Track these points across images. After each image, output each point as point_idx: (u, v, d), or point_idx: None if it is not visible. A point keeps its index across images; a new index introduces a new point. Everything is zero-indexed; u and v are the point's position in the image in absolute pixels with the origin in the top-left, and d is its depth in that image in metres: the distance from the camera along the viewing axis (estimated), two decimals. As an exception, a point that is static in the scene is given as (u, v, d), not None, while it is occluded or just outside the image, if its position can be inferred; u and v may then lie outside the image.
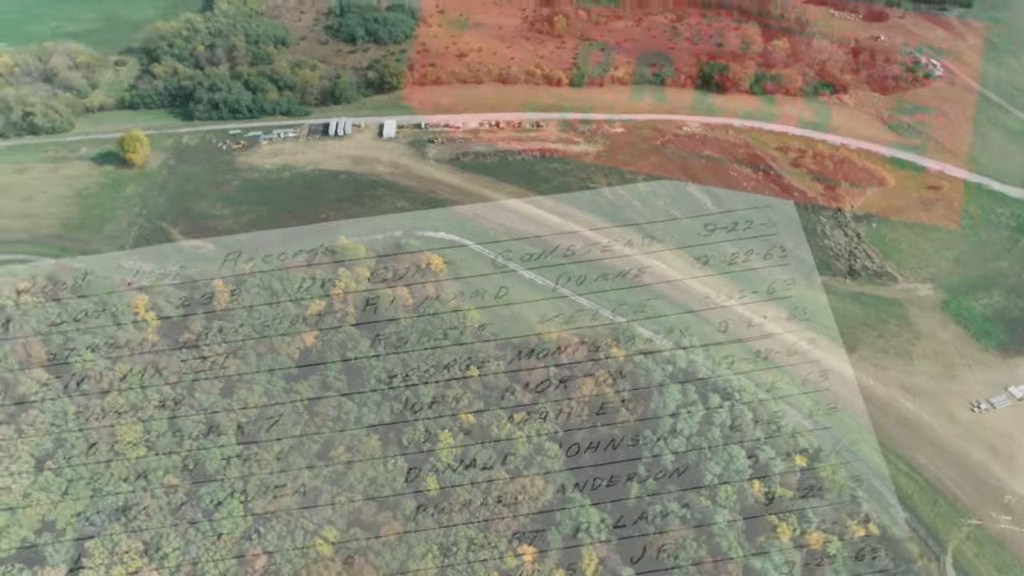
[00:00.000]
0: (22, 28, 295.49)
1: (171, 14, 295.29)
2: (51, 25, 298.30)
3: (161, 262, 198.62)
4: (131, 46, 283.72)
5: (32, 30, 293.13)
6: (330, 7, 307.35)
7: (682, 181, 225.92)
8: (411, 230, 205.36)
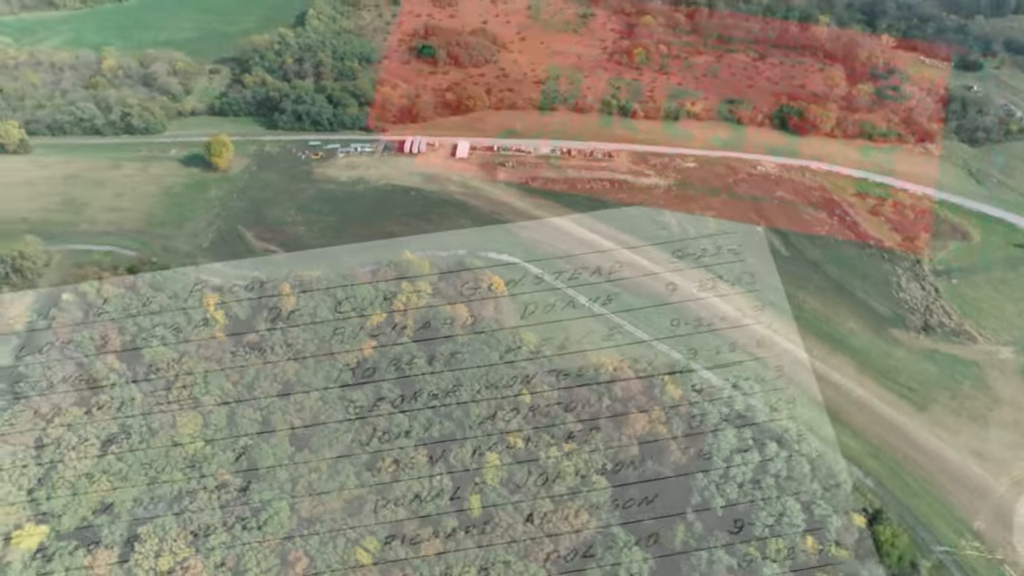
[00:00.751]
0: (129, 35, 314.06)
1: (265, 28, 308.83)
2: (155, 33, 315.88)
3: (234, 263, 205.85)
4: (225, 56, 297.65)
5: (138, 37, 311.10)
6: (415, 28, 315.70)
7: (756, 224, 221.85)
8: (475, 250, 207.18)
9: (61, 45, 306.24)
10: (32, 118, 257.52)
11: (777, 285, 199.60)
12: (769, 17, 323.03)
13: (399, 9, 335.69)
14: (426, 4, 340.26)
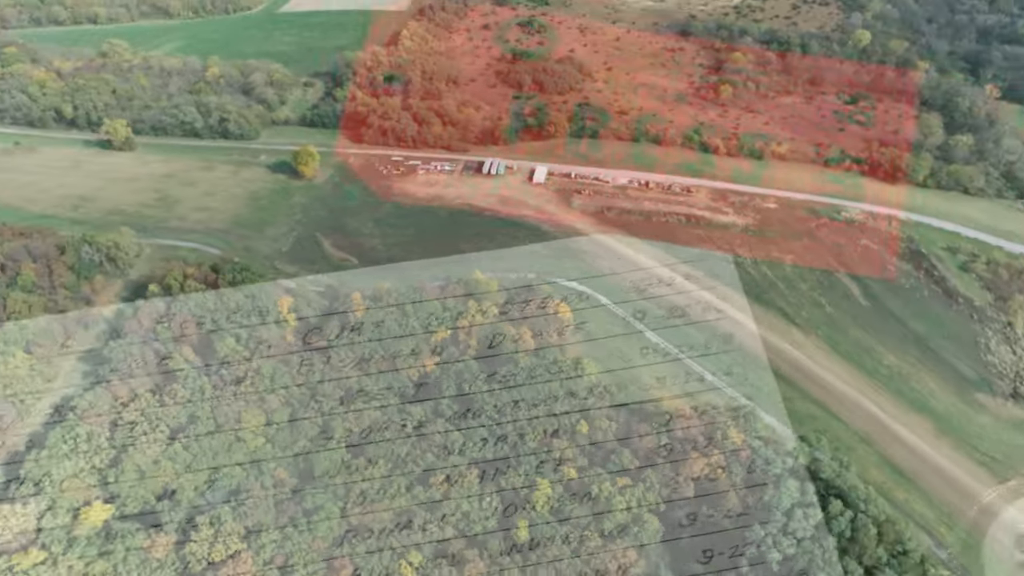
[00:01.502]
0: (234, 46, 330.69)
1: (360, 46, 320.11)
2: (257, 45, 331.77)
3: (310, 269, 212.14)
4: (320, 71, 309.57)
5: (240, 48, 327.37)
6: (503, 53, 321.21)
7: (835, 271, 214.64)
8: (545, 275, 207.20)
9: (171, 52, 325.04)
10: (139, 118, 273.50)
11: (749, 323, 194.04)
12: (864, 61, 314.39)
13: (489, 34, 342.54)
14: (515, 31, 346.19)
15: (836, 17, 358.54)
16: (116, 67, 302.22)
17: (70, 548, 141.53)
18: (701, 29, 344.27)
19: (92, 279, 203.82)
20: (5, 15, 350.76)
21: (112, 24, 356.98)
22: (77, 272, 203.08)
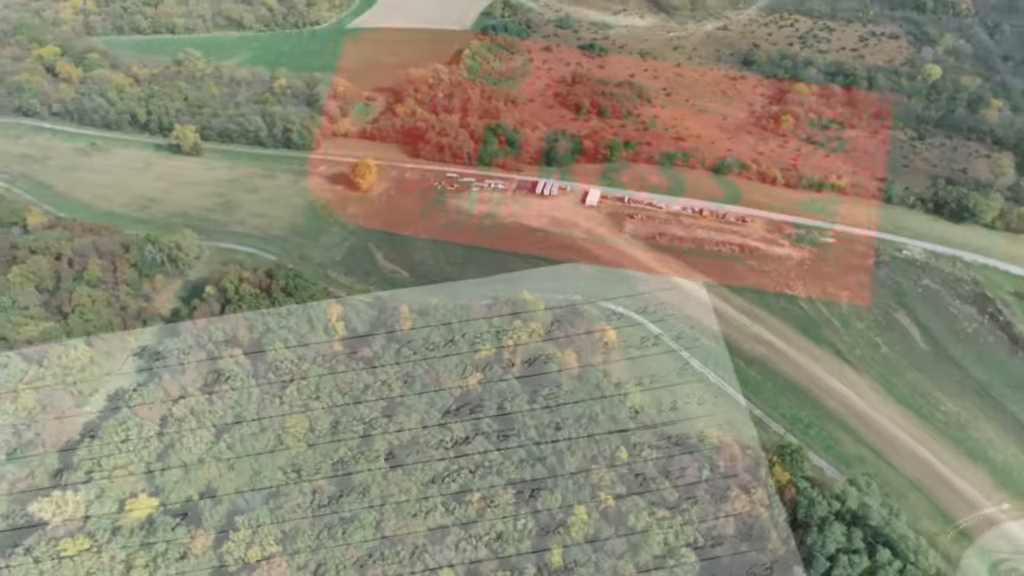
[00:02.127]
0: (301, 60, 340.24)
1: (423, 63, 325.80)
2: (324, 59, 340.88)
3: (361, 279, 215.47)
4: (382, 85, 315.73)
5: (307, 62, 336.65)
6: (563, 76, 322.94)
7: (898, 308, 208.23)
8: (592, 298, 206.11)
9: (242, 63, 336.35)
10: (207, 125, 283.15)
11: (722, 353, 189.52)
12: (934, 96, 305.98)
13: (550, 56, 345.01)
14: (576, 53, 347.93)
15: (906, 51, 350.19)
16: (189, 75, 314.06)
17: (114, 537, 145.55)
18: (764, 59, 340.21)
19: (153, 278, 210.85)
20: (91, 23, 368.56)
21: (188, 34, 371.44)
22: (140, 270, 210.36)
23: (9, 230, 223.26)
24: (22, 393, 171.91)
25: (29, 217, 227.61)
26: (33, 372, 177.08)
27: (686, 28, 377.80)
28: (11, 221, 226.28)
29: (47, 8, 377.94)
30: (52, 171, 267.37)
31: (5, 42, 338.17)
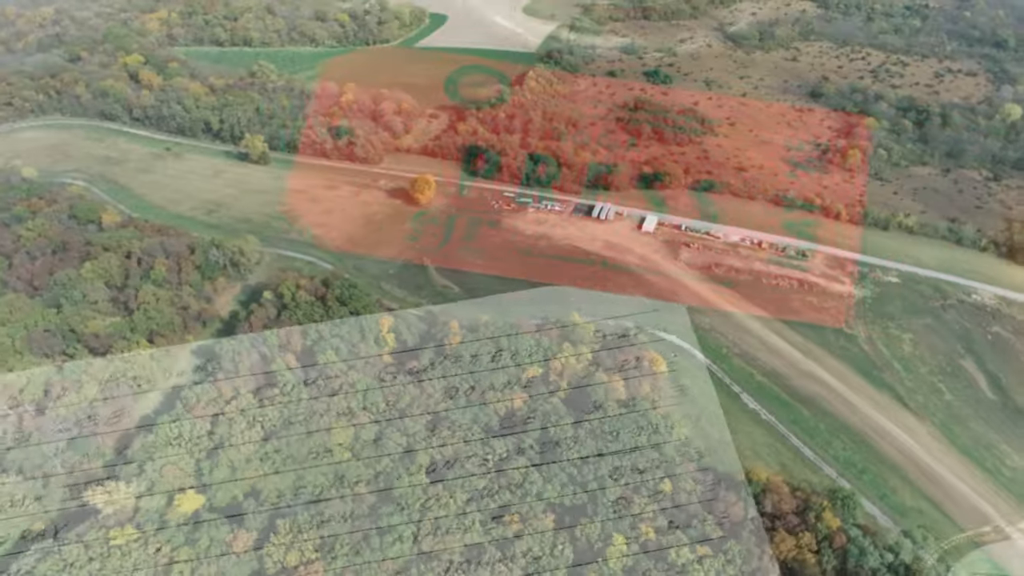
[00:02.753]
0: (369, 76, 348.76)
1: (487, 83, 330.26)
2: (392, 76, 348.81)
3: (413, 292, 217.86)
4: (446, 103, 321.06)
5: (375, 78, 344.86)
6: (625, 100, 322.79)
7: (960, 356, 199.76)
8: (643, 325, 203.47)
9: (312, 77, 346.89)
10: (276, 135, 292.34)
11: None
12: (1012, 136, 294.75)
13: (613, 81, 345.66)
14: (640, 79, 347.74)
15: (984, 88, 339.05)
16: (262, 87, 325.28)
17: (161, 531, 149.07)
18: (833, 91, 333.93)
19: (215, 280, 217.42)
20: (174, 33, 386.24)
21: (264, 47, 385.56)
22: (203, 272, 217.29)
23: (86, 227, 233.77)
24: (85, 384, 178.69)
25: (104, 216, 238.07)
26: (97, 364, 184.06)
27: (753, 58, 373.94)
28: (88, 219, 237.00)
29: (135, 19, 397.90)
30: (129, 173, 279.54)
31: (94, 49, 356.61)
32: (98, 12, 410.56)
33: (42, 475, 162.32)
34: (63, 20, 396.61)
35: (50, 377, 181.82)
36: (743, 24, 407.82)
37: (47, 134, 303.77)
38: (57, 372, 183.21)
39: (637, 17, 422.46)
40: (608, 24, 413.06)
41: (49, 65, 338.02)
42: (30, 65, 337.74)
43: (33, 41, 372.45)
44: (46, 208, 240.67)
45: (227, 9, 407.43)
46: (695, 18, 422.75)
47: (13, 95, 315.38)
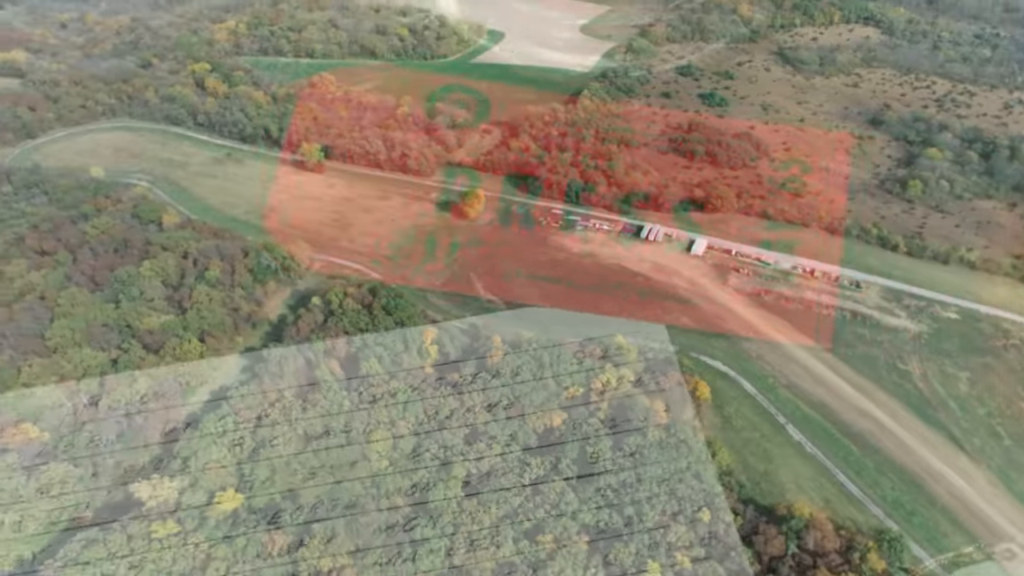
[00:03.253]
0: (425, 89, 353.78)
1: (542, 101, 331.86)
2: (447, 91, 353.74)
3: (458, 304, 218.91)
4: (500, 119, 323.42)
5: (431, 92, 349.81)
6: (679, 123, 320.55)
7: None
8: (688, 349, 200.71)
9: (370, 89, 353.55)
10: (332, 144, 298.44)
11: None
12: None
13: (668, 102, 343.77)
14: (695, 102, 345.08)
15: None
16: (321, 97, 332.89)
17: (200, 527, 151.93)
18: (895, 120, 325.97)
19: (266, 284, 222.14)
20: (241, 43, 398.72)
21: (325, 59, 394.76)
22: (255, 275, 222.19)
23: (147, 227, 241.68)
24: (138, 379, 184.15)
25: (165, 216, 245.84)
26: (150, 360, 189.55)
27: (812, 83, 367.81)
28: (149, 219, 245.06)
29: (205, 28, 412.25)
30: (190, 176, 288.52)
31: (165, 56, 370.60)
32: (171, 21, 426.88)
33: (92, 464, 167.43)
34: (138, 28, 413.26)
35: (105, 370, 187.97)
36: (803, 49, 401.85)
37: (116, 136, 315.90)
38: (112, 366, 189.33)
39: (695, 39, 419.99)
40: (665, 45, 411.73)
41: (122, 70, 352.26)
42: (104, 70, 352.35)
43: (109, 47, 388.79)
44: (111, 207, 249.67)
45: (292, 21, 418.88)
46: (754, 41, 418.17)
47: (87, 98, 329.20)
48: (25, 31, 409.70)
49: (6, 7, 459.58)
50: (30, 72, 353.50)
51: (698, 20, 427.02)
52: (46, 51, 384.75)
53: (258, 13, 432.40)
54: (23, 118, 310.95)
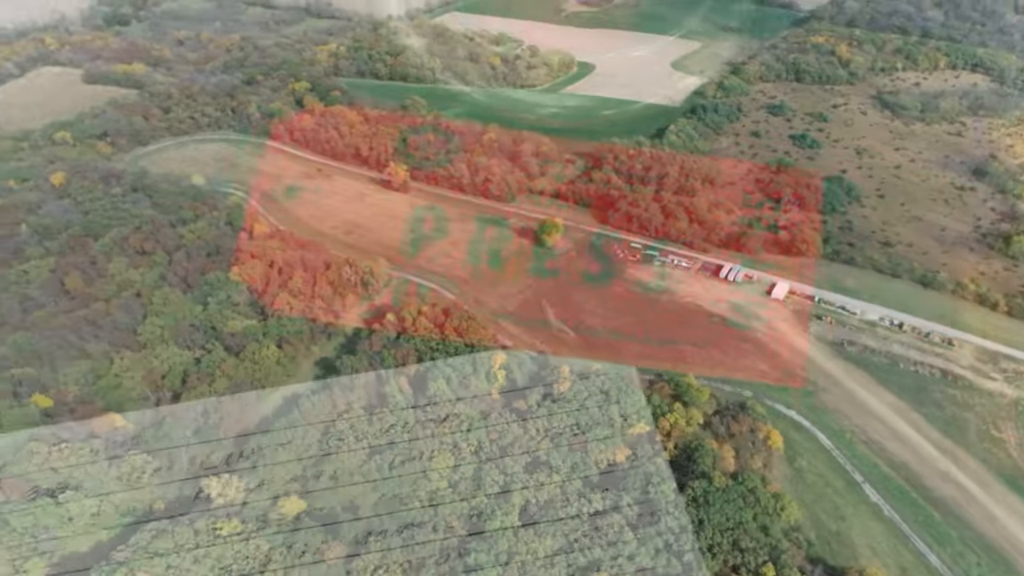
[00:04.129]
0: (512, 117, 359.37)
1: (628, 134, 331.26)
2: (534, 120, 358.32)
3: (528, 331, 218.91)
4: (583, 150, 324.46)
5: (518, 119, 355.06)
6: (768, 162, 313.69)
7: None
8: (762, 396, 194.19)
9: (459, 114, 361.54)
10: (418, 166, 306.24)
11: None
12: None
13: (757, 141, 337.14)
14: (786, 142, 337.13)
15: None
16: (411, 120, 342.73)
17: (262, 529, 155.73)
18: (1001, 171, 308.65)
19: (344, 297, 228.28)
20: (340, 65, 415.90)
21: (418, 84, 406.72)
22: (334, 288, 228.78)
23: (239, 234, 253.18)
24: (217, 379, 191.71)
25: (256, 225, 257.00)
26: (229, 362, 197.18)
27: (912, 129, 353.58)
28: (242, 227, 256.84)
29: (308, 49, 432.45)
30: (282, 188, 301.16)
31: (269, 74, 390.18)
32: (277, 42, 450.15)
33: (168, 457, 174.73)
34: (247, 47, 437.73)
35: (188, 368, 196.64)
36: (904, 93, 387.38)
37: (218, 147, 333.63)
38: (195, 364, 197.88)
39: (789, 79, 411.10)
40: (757, 84, 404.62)
41: (229, 86, 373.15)
42: (213, 84, 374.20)
43: (219, 64, 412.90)
44: (207, 213, 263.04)
45: (389, 46, 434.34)
46: (851, 84, 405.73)
47: (195, 110, 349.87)
48: (147, 46, 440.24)
49: (132, 24, 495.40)
50: (147, 84, 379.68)
51: (793, 60, 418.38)
52: (163, 65, 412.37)
53: (358, 37, 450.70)
54: (136, 126, 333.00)
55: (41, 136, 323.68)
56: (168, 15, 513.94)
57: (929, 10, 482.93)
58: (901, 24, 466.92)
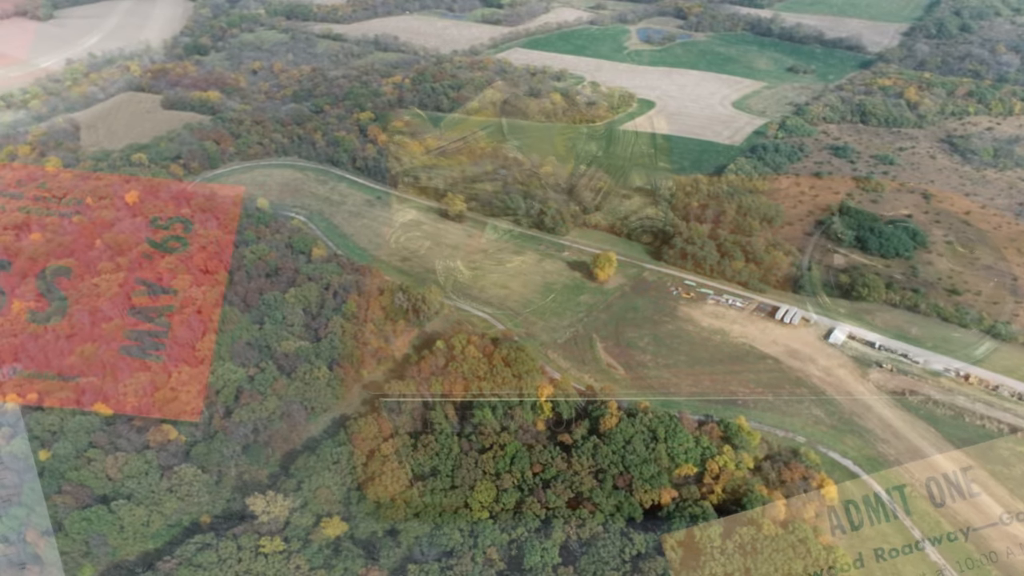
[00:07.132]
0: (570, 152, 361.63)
1: (685, 170, 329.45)
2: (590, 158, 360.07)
3: (577, 365, 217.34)
4: (640, 187, 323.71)
5: (576, 154, 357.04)
6: (828, 204, 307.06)
7: None
8: (816, 443, 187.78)
9: (518, 147, 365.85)
10: (474, 196, 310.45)
11: None
12: None
13: (819, 183, 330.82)
14: (849, 184, 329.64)
15: None
16: (471, 152, 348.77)
17: (304, 549, 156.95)
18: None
19: (396, 322, 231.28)
20: (404, 96, 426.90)
21: (479, 117, 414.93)
22: (387, 313, 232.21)
23: (297, 256, 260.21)
24: (268, 397, 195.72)
25: (314, 249, 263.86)
26: (281, 381, 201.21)
27: (984, 175, 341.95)
28: (300, 249, 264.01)
29: (374, 81, 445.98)
30: (342, 214, 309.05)
31: (336, 104, 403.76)
32: (346, 73, 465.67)
33: (217, 472, 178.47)
34: (317, 77, 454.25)
35: (242, 385, 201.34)
36: (976, 138, 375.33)
37: (284, 172, 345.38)
38: (248, 382, 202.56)
39: (854, 120, 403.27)
40: (821, 125, 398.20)
41: (297, 114, 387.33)
42: (282, 112, 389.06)
43: (290, 93, 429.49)
44: (269, 236, 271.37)
45: (452, 80, 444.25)
46: (920, 127, 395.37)
47: (265, 136, 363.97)
48: (223, 75, 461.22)
49: (211, 53, 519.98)
50: (221, 110, 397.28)
51: (859, 102, 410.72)
52: (237, 93, 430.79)
53: (423, 70, 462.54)
54: (209, 150, 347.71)
55: (119, 157, 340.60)
56: (245, 46, 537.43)
57: (1004, 54, 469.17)
58: (974, 68, 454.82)
